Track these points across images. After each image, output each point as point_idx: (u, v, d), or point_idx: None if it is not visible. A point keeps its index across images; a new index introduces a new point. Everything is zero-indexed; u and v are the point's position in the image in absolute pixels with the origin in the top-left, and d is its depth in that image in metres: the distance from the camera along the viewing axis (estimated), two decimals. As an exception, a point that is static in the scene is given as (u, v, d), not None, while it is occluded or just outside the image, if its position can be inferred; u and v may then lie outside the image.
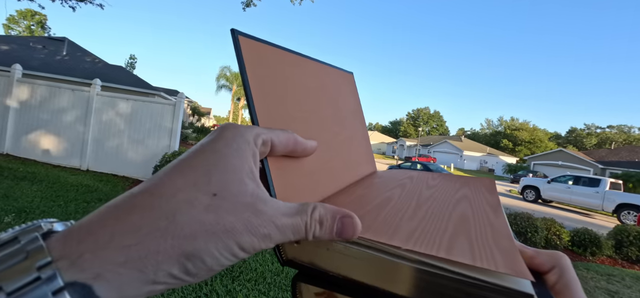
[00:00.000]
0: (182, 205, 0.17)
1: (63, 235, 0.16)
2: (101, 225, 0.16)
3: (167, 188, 0.18)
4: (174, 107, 6.25)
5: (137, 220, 0.16)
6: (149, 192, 0.18)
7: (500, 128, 67.91)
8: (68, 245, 0.15)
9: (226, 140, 0.20)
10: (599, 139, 63.90)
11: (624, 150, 33.28)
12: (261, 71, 0.26)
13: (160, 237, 0.16)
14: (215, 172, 0.19)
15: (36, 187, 4.51)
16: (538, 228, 5.20)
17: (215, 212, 0.18)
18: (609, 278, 4.29)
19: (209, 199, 0.18)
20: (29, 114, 6.29)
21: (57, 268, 0.14)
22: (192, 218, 0.17)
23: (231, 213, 0.18)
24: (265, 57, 0.27)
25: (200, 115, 21.24)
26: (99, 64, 15.25)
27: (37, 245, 0.15)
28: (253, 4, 8.35)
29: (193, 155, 0.20)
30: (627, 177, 21.70)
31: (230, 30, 0.24)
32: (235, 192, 0.19)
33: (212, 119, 49.53)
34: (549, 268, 0.24)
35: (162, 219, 0.17)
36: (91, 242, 0.15)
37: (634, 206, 11.02)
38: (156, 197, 0.17)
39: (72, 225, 0.17)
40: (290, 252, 0.26)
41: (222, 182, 0.19)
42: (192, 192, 0.18)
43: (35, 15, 43.40)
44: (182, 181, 0.18)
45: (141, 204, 0.17)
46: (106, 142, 6.30)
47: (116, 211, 0.17)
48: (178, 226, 0.17)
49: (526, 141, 58.75)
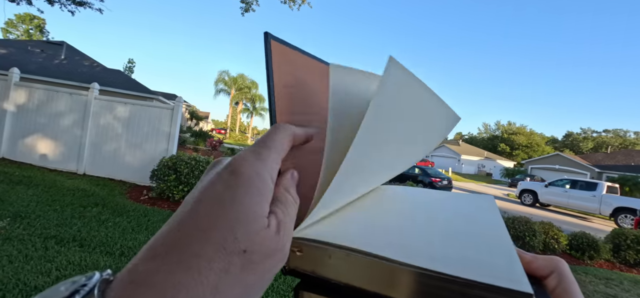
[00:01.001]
0: (220, 275, 0.18)
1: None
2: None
3: (202, 260, 0.18)
4: (172, 111, 6.24)
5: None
6: (186, 265, 0.17)
7: (497, 132, 68.30)
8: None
9: (245, 188, 0.20)
10: (595, 143, 64.38)
11: (620, 154, 33.53)
12: (285, 75, 0.27)
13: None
14: (239, 227, 0.19)
15: (32, 192, 4.47)
16: (536, 232, 5.21)
17: (249, 268, 0.19)
18: (608, 282, 4.29)
19: (241, 258, 0.19)
20: (26, 118, 6.26)
21: None
22: (232, 283, 0.18)
23: (262, 264, 0.20)
24: (292, 62, 0.28)
25: (199, 119, 21.20)
26: (97, 68, 15.23)
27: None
28: (252, 9, 8.40)
29: (212, 204, 0.19)
30: (624, 180, 21.86)
31: (263, 33, 0.25)
32: (260, 242, 0.20)
33: (210, 123, 49.46)
34: (547, 273, 0.24)
35: (208, 295, 0.17)
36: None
37: (631, 210, 11.08)
38: (194, 271, 0.17)
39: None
40: (292, 261, 0.26)
41: (247, 236, 0.19)
42: (225, 256, 0.18)
43: (34, 19, 43.40)
44: (211, 247, 0.18)
45: (185, 284, 0.17)
46: (103, 146, 6.27)
47: (163, 294, 0.16)
48: (223, 295, 0.18)
49: (523, 145, 59.08)
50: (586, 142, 65.16)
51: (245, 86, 42.00)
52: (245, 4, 8.24)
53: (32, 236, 3.15)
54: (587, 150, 62.24)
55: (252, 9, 8.39)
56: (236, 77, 41.26)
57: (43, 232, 3.29)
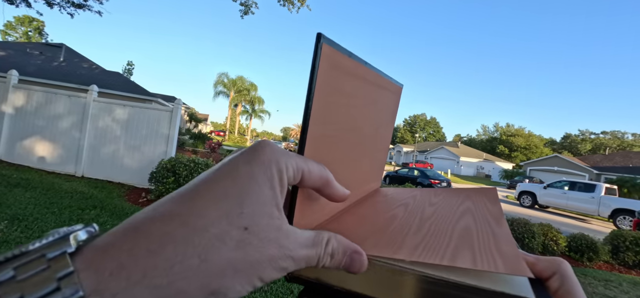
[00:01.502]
0: (214, 242, 0.17)
1: (93, 260, 0.15)
2: (133, 258, 0.16)
3: (201, 219, 0.17)
4: (171, 114, 6.23)
5: (169, 255, 0.16)
6: (181, 220, 0.17)
7: (496, 134, 68.50)
8: (100, 279, 0.15)
9: (262, 166, 0.20)
10: (593, 144, 64.65)
11: (618, 155, 33.68)
12: (329, 80, 0.26)
13: (191, 276, 0.16)
14: (248, 202, 0.19)
15: (30, 194, 4.45)
16: (535, 233, 5.22)
17: (244, 249, 0.18)
18: (607, 284, 4.30)
19: (240, 234, 0.18)
20: (24, 120, 6.24)
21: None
22: (222, 257, 0.17)
23: (258, 250, 0.19)
24: (338, 66, 0.27)
25: (198, 121, 21.19)
26: (96, 70, 15.22)
27: (67, 272, 0.14)
28: (251, 12, 8.42)
29: (227, 175, 0.19)
30: (622, 182, 21.91)
31: (316, 34, 0.23)
32: (263, 226, 0.19)
33: (209, 125, 49.42)
34: (549, 274, 0.24)
35: (194, 257, 0.17)
36: (124, 279, 0.15)
37: (630, 211, 11.11)
38: (189, 229, 0.17)
39: (100, 243, 0.16)
40: None
41: (253, 215, 0.19)
42: (224, 225, 0.18)
43: (33, 21, 43.38)
44: (215, 212, 0.18)
45: (173, 235, 0.17)
46: (102, 149, 6.25)
47: (148, 241, 0.16)
48: (209, 266, 0.17)
49: (522, 147, 59.24)
50: (584, 144, 65.42)
51: (244, 88, 42.03)
52: (244, 6, 8.26)
53: (30, 239, 3.13)
54: (586, 152, 62.47)
55: (252, 12, 8.42)
56: (235, 79, 41.30)
57: (41, 234, 3.27)
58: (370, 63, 0.33)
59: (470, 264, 0.21)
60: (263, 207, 0.19)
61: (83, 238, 0.16)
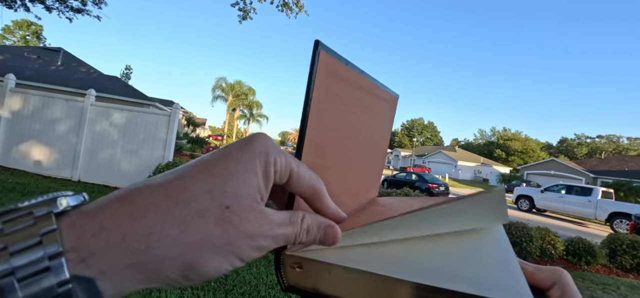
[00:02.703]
0: (195, 215, 0.18)
1: (77, 221, 0.16)
2: (115, 222, 0.16)
3: (184, 193, 0.18)
4: (169, 118, 6.22)
5: (150, 223, 0.17)
6: (167, 192, 0.18)
7: (493, 138, 68.87)
8: (81, 238, 0.16)
9: (251, 154, 0.21)
10: (589, 148, 65.16)
11: (614, 159, 33.96)
12: (326, 87, 0.26)
13: (169, 245, 0.17)
14: (232, 183, 0.19)
15: (25, 199, 4.41)
16: (533, 237, 5.22)
17: (223, 225, 0.19)
18: (605, 288, 4.30)
19: (221, 212, 0.19)
20: (20, 124, 6.19)
21: (66, 260, 0.15)
22: (201, 230, 0.18)
23: (237, 228, 0.19)
24: (335, 73, 0.27)
25: (196, 125, 21.15)
26: (94, 74, 15.19)
27: (50, 228, 0.15)
28: (249, 17, 8.46)
29: (218, 159, 0.20)
30: (618, 186, 22.08)
31: (314, 41, 0.24)
32: (245, 208, 0.20)
33: (207, 130, 49.32)
34: (550, 284, 0.24)
35: (174, 227, 0.17)
36: (103, 240, 0.16)
37: (626, 214, 11.17)
38: (172, 200, 0.18)
39: (87, 208, 0.17)
40: (293, 277, 0.26)
41: (236, 195, 0.19)
42: (207, 201, 0.18)
43: (31, 25, 43.33)
44: (199, 187, 0.19)
45: (156, 205, 0.17)
46: (99, 153, 6.21)
47: (132, 207, 0.17)
48: (187, 237, 0.17)
49: (519, 151, 59.57)
50: (580, 148, 65.93)
51: (242, 93, 42.06)
52: (242, 12, 8.30)
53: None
54: (582, 156, 62.91)
55: (250, 17, 8.45)
56: (233, 84, 41.34)
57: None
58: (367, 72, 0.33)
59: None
60: (247, 189, 0.20)
61: (72, 203, 0.17)
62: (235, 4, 8.17)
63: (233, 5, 8.18)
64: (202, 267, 0.18)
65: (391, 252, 0.27)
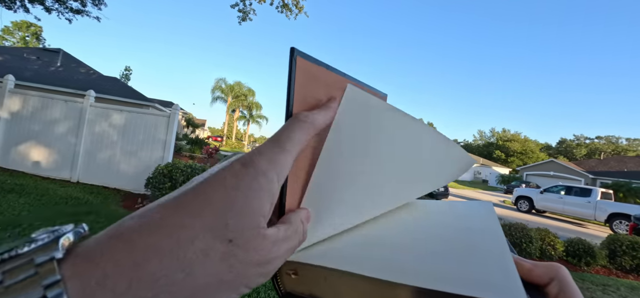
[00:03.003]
0: (199, 255, 0.17)
1: (80, 268, 0.15)
2: (119, 269, 0.16)
3: (185, 232, 0.17)
4: (168, 119, 6.21)
5: (155, 269, 0.16)
6: (167, 231, 0.17)
7: (492, 139, 68.88)
8: (87, 289, 0.15)
9: (249, 178, 0.20)
10: (589, 149, 65.26)
11: (613, 160, 33.99)
12: (308, 94, 0.26)
13: (176, 290, 0.17)
14: (233, 215, 0.19)
15: (24, 200, 4.39)
16: (532, 238, 5.23)
17: (229, 261, 0.18)
18: (605, 289, 4.30)
19: (225, 246, 0.18)
20: (19, 125, 6.18)
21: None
22: (207, 270, 0.17)
23: (243, 261, 0.19)
24: (315, 78, 0.27)
25: (195, 126, 21.14)
26: (93, 76, 15.18)
27: (54, 280, 0.14)
28: (249, 19, 8.47)
29: (215, 187, 0.19)
30: (617, 186, 22.09)
31: (290, 49, 0.24)
32: (249, 237, 0.19)
33: (206, 131, 49.32)
34: (547, 280, 0.24)
35: (179, 272, 0.17)
36: (109, 290, 0.15)
37: (626, 215, 11.17)
38: (174, 241, 0.17)
39: (87, 250, 0.16)
40: (289, 284, 0.26)
41: (238, 227, 0.19)
42: (209, 239, 0.18)
43: (31, 26, 43.33)
44: (200, 224, 0.18)
45: (159, 249, 0.16)
46: (98, 154, 6.20)
47: (133, 251, 0.16)
48: (193, 279, 0.17)
49: (518, 152, 59.63)
50: (579, 149, 66.03)
51: (242, 94, 42.07)
52: (242, 13, 8.31)
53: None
54: (581, 157, 63.04)
55: (249, 18, 8.46)
56: (233, 85, 41.35)
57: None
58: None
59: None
60: (248, 218, 0.19)
61: (72, 240, 0.16)
62: (234, 5, 8.18)
63: (233, 7, 8.19)
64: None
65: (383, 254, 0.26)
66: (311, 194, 0.26)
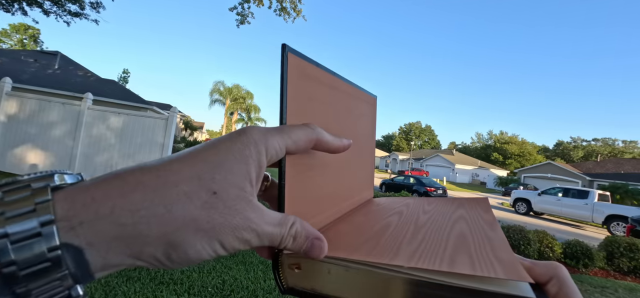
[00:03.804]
0: (181, 197, 0.19)
1: (70, 194, 0.17)
2: (105, 196, 0.17)
3: (174, 175, 0.19)
4: (166, 122, 6.20)
5: (138, 200, 0.18)
6: (157, 173, 0.19)
7: (490, 141, 69.25)
8: (72, 208, 0.17)
9: (242, 144, 0.21)
10: (585, 151, 65.65)
11: (610, 162, 34.19)
12: (300, 89, 0.26)
13: (154, 223, 0.18)
14: (221, 171, 0.20)
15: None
16: (530, 240, 5.24)
17: (208, 210, 0.19)
18: (603, 291, 4.31)
19: (208, 196, 0.19)
20: (16, 128, 6.14)
21: (57, 227, 0.16)
22: (187, 212, 0.19)
23: (223, 215, 0.19)
24: (307, 75, 0.27)
25: (193, 129, 21.09)
26: (91, 78, 15.13)
27: (45, 199, 0.17)
28: (247, 22, 8.49)
29: (209, 147, 0.21)
30: (614, 188, 22.21)
31: (281, 45, 0.24)
32: (232, 196, 0.20)
33: (205, 133, 49.18)
34: (547, 279, 0.24)
35: (160, 206, 0.18)
36: (92, 211, 0.17)
37: (623, 217, 11.22)
38: (161, 181, 0.19)
39: (81, 184, 0.18)
40: (291, 279, 0.26)
41: (224, 182, 0.20)
42: (195, 185, 0.19)
43: (29, 29, 43.18)
44: (189, 171, 0.19)
45: (146, 183, 0.18)
46: (95, 157, 6.16)
47: (123, 184, 0.18)
48: (172, 217, 0.18)
49: (516, 154, 59.89)
50: (576, 151, 66.40)
51: (240, 96, 42.06)
52: (240, 16, 8.33)
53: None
54: (578, 159, 63.37)
55: (248, 22, 8.47)
56: (231, 88, 41.35)
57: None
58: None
59: (469, 269, 0.21)
60: (235, 178, 0.20)
61: (69, 181, 0.19)
62: (233, 8, 8.20)
63: (231, 10, 8.21)
64: (185, 248, 0.19)
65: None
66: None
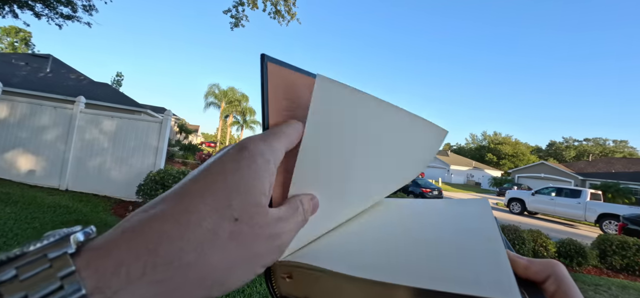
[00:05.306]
0: (207, 235, 0.18)
1: (93, 260, 0.16)
2: (133, 256, 0.16)
3: (192, 216, 0.18)
4: (161, 125, 6.13)
5: (167, 252, 0.17)
6: (175, 219, 0.18)
7: (484, 142, 69.88)
8: (101, 278, 0.15)
9: (248, 160, 0.21)
10: (577, 151, 66.68)
11: (601, 162, 34.75)
12: (282, 97, 0.26)
13: (190, 270, 0.17)
14: (236, 195, 0.19)
15: (10, 209, 4.26)
16: (525, 240, 5.29)
17: (237, 238, 0.19)
18: (597, 288, 4.36)
19: (232, 225, 0.19)
20: (6, 133, 6.02)
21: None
22: (217, 248, 0.18)
23: (251, 237, 0.20)
24: (289, 83, 0.27)
25: (188, 132, 20.91)
26: (83, 81, 14.94)
27: (68, 271, 0.15)
28: (241, 25, 8.47)
29: (215, 173, 0.20)
30: (606, 187, 22.61)
31: (260, 55, 0.24)
32: (253, 215, 0.20)
33: (199, 136, 48.85)
34: (544, 277, 0.23)
35: (191, 252, 0.17)
36: (124, 276, 0.15)
37: (614, 215, 11.41)
38: (183, 226, 0.18)
39: (97, 244, 0.17)
40: (284, 288, 0.26)
41: (242, 206, 0.19)
42: (216, 219, 0.18)
43: (20, 32, 42.52)
44: (205, 207, 0.18)
45: (170, 234, 0.17)
46: (88, 161, 6.07)
47: (145, 241, 0.17)
48: (206, 258, 0.18)
49: (509, 155, 60.58)
50: (568, 151, 67.42)
51: (235, 99, 41.85)
52: (234, 19, 8.31)
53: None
54: (570, 159, 64.31)
55: (242, 25, 8.45)
56: (226, 91, 41.14)
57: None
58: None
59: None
60: (250, 197, 0.20)
61: (81, 239, 0.17)
62: (227, 11, 8.18)
63: (225, 12, 8.19)
64: (224, 282, 0.19)
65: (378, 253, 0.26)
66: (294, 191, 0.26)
